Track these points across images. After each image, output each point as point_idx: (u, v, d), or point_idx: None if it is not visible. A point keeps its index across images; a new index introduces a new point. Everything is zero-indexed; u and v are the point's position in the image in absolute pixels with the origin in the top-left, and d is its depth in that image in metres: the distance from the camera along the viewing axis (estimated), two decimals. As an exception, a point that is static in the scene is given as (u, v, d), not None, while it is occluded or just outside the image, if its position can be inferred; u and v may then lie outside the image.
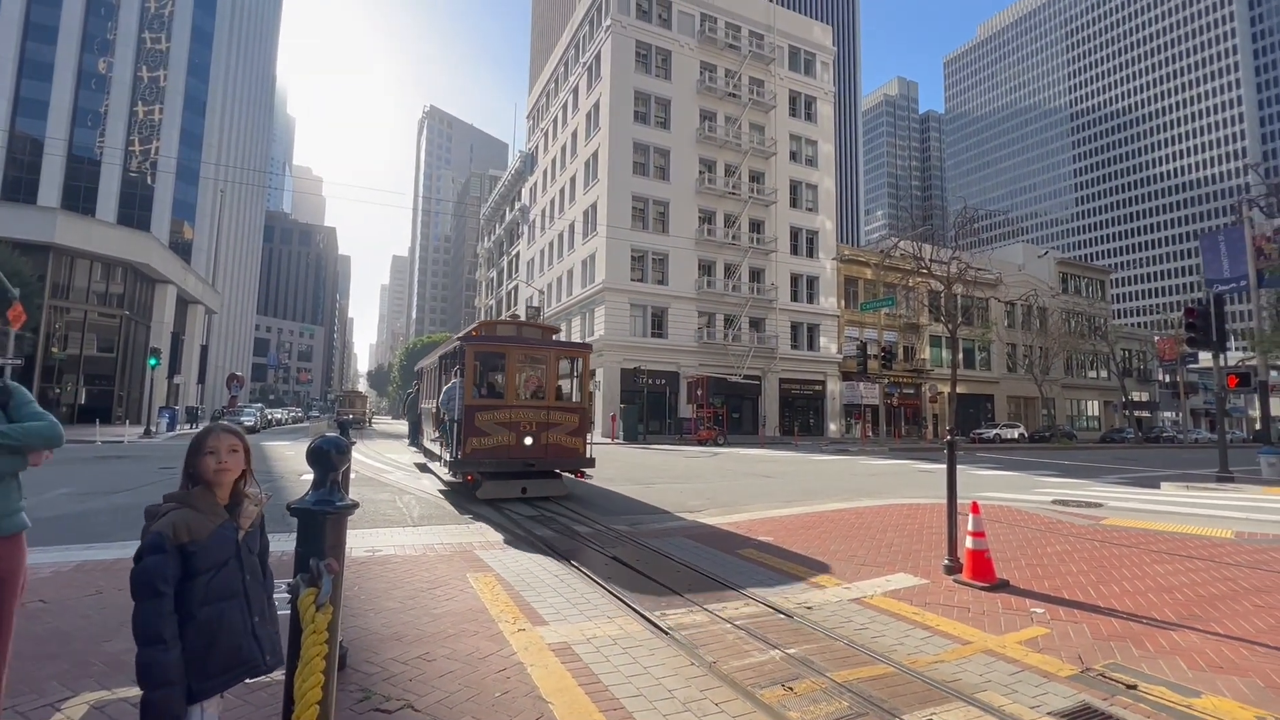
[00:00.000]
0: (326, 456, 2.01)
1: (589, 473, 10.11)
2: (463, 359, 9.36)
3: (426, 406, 14.14)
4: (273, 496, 2.27)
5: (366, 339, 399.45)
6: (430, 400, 13.19)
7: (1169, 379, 57.43)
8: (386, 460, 16.74)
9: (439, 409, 10.64)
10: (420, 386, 16.13)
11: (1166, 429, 54.69)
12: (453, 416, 9.51)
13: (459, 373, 9.52)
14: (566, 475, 10.32)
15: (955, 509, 5.51)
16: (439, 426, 11.01)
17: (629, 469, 15.93)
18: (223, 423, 2.05)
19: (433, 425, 12.38)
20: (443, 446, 10.57)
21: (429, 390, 13.81)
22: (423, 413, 15.14)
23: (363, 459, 16.47)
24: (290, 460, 16.19)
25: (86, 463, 14.45)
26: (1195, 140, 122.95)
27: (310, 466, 2.03)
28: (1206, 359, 39.61)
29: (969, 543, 5.24)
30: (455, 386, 9.53)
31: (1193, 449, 38.27)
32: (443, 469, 10.55)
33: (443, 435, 10.53)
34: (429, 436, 13.31)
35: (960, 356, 40.37)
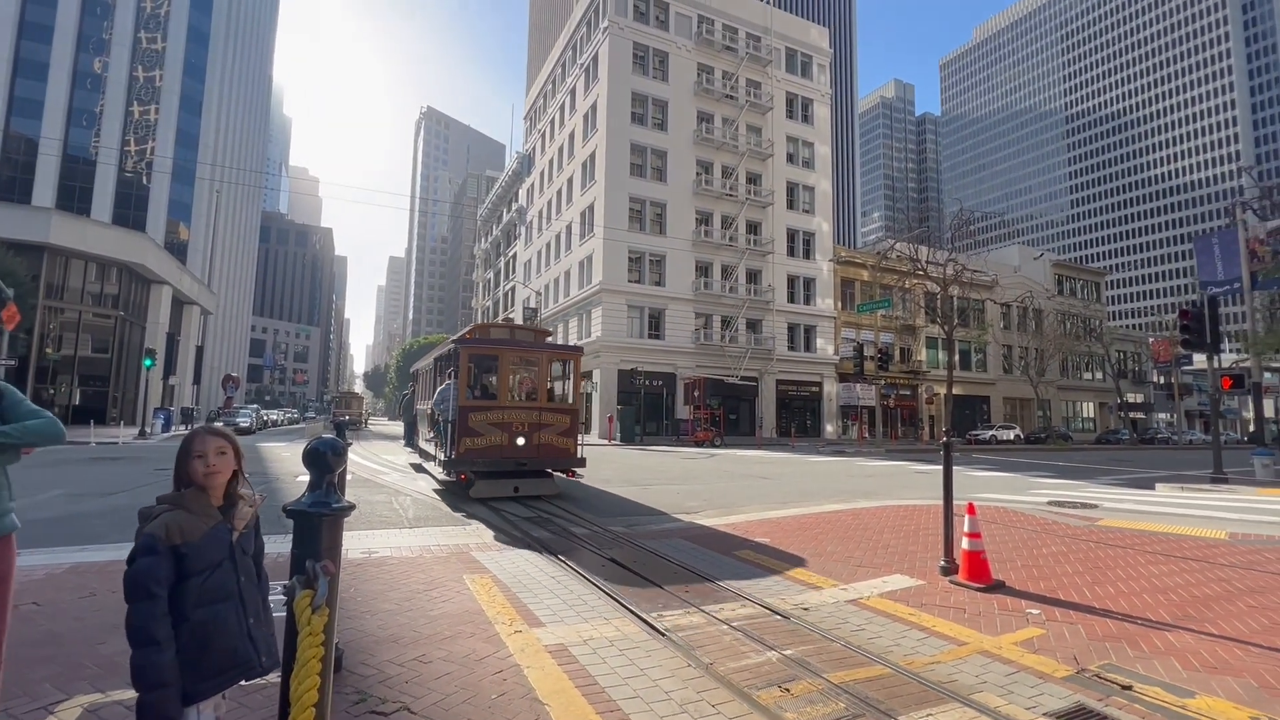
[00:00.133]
0: (322, 458, 2.00)
1: (580, 472, 10.32)
2: (457, 361, 9.58)
3: (422, 408, 14.40)
4: (267, 498, 2.26)
5: (363, 340, 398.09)
6: (425, 401, 13.41)
7: (1164, 381, 57.79)
8: (383, 461, 16.70)
9: (434, 410, 10.87)
10: (416, 388, 16.46)
11: (1161, 430, 54.98)
12: (447, 417, 9.68)
13: (453, 374, 9.71)
14: (559, 475, 10.53)
15: (951, 510, 5.53)
16: (434, 427, 11.24)
17: (626, 470, 15.93)
18: (210, 424, 2.04)
19: (428, 426, 12.63)
20: (437, 446, 10.78)
21: (424, 391, 14.06)
22: (418, 414, 15.41)
23: (359, 460, 16.42)
24: (286, 462, 16.14)
25: (81, 464, 14.37)
26: (1190, 143, 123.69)
27: (306, 468, 2.02)
28: (1201, 361, 39.78)
29: (965, 544, 5.25)
30: (449, 388, 9.71)
31: (1187, 450, 38.45)
32: (437, 468, 10.78)
33: (437, 435, 10.76)
34: (424, 437, 13.56)
35: (956, 358, 40.46)
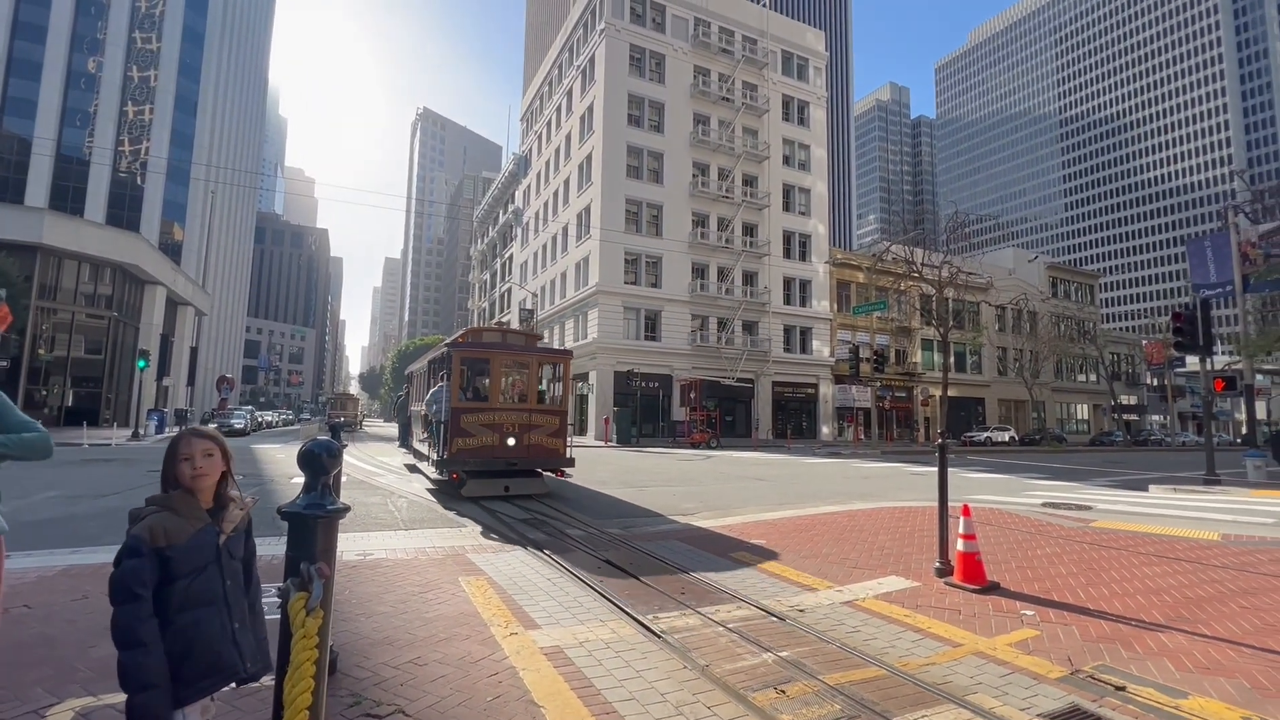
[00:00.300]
0: (318, 460, 1.99)
1: (569, 472, 10.60)
2: (449, 364, 9.81)
3: (416, 409, 14.63)
4: (258, 500, 2.25)
5: (358, 341, 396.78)
6: (419, 403, 13.64)
7: (1157, 383, 58.08)
8: (378, 463, 16.65)
9: (427, 411, 11.10)
10: (410, 390, 16.62)
11: (1154, 432, 55.23)
12: (440, 418, 9.89)
13: (446, 377, 9.95)
14: (549, 475, 10.80)
15: (946, 512, 5.55)
16: (427, 428, 11.46)
17: (622, 472, 15.92)
18: (196, 427, 2.02)
19: (421, 427, 12.86)
20: (430, 447, 10.99)
21: (418, 393, 14.27)
22: (412, 415, 15.63)
23: (354, 462, 16.39)
24: (281, 463, 16.07)
25: (73, 465, 14.28)
26: (1183, 147, 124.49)
27: (301, 470, 2.01)
28: (1194, 363, 40.04)
29: (960, 545, 5.27)
30: (442, 390, 9.94)
31: (1180, 452, 38.64)
32: (430, 468, 11.03)
33: (430, 436, 10.97)
34: (418, 438, 13.78)
35: (951, 360, 40.56)
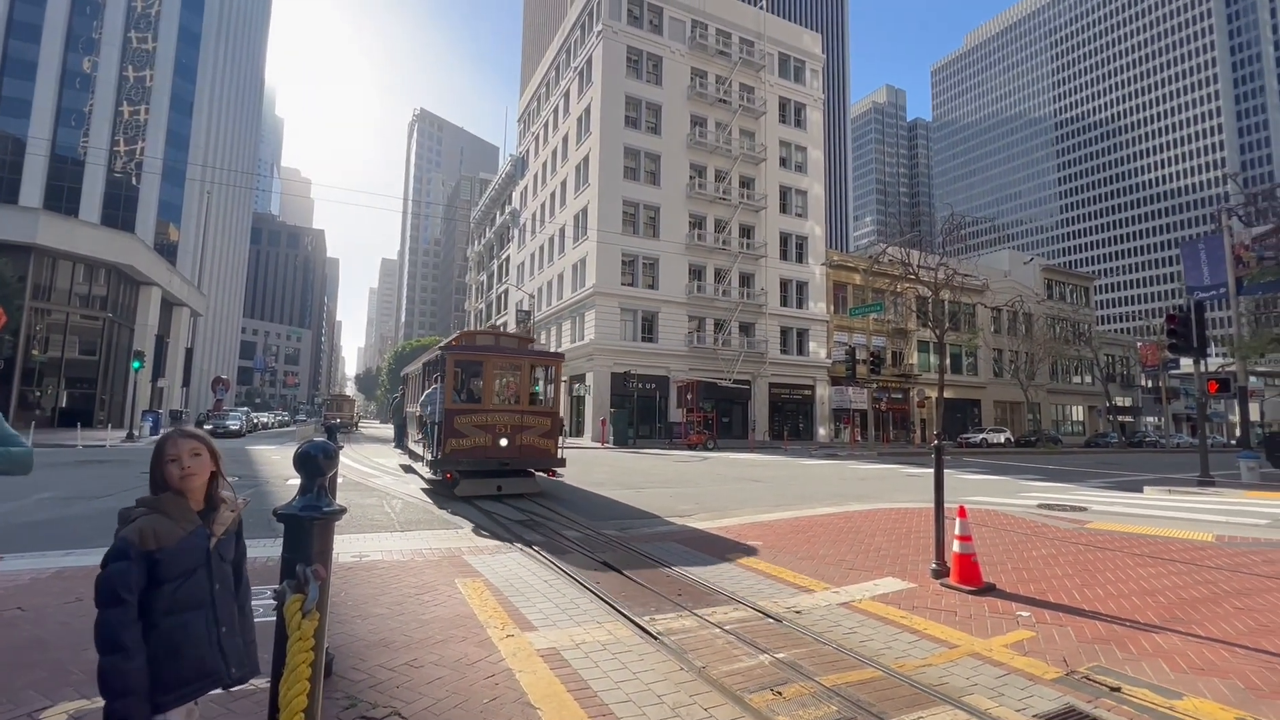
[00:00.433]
0: (313, 461, 1.99)
1: (560, 471, 10.79)
2: (443, 366, 9.95)
3: (411, 410, 14.75)
4: (250, 502, 2.24)
5: (355, 342, 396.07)
6: (414, 404, 13.76)
7: (1151, 384, 58.34)
8: (374, 464, 16.61)
9: (422, 412, 11.29)
10: (406, 391, 16.82)
11: (1149, 434, 55.44)
12: (434, 419, 10.07)
13: (440, 379, 10.09)
14: (541, 475, 11.03)
15: (942, 513, 5.56)
16: (422, 429, 11.65)
17: (619, 473, 15.91)
18: (182, 427, 2.00)
19: (416, 428, 13.00)
20: (425, 447, 11.19)
21: (413, 395, 14.42)
22: (407, 416, 15.79)
23: (350, 463, 16.34)
24: (276, 465, 16.01)
25: (67, 467, 14.20)
26: (1177, 150, 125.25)
27: (297, 471, 2.01)
28: (1188, 365, 40.19)
29: (956, 547, 5.28)
30: (436, 391, 10.10)
31: (1174, 453, 38.81)
32: (425, 468, 11.21)
33: (425, 437, 11.17)
34: (413, 438, 13.93)
35: (947, 362, 40.71)
